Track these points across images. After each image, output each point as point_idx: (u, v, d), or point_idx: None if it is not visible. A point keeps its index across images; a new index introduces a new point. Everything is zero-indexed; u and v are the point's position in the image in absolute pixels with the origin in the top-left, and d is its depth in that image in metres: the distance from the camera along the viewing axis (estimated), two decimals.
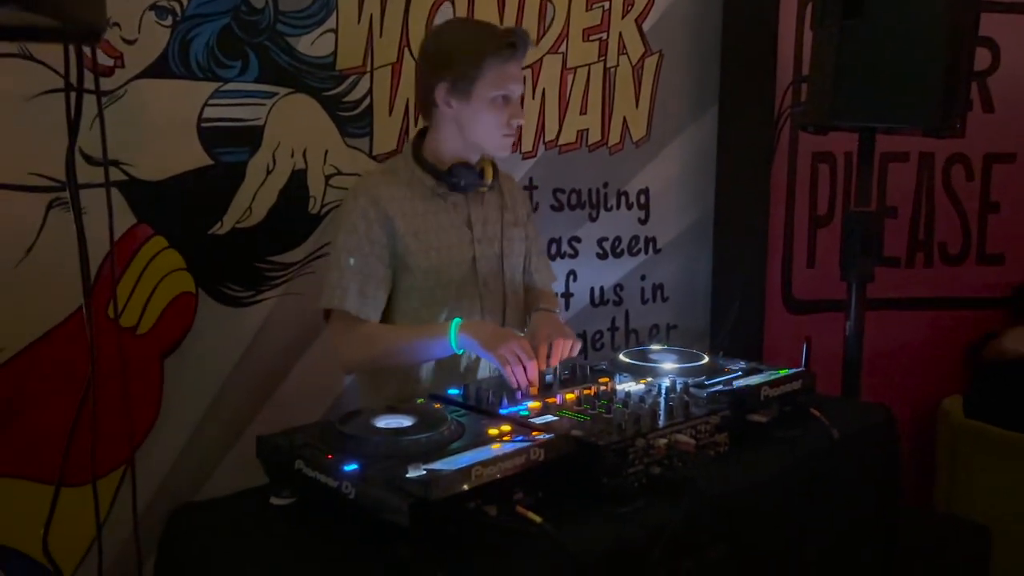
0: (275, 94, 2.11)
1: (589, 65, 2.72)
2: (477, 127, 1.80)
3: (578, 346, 1.77)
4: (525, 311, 2.01)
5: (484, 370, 1.92)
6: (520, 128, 1.85)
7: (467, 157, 1.86)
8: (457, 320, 1.72)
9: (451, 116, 1.80)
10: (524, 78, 1.80)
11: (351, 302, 1.76)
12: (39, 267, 1.82)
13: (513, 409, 1.45)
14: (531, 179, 2.61)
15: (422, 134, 1.91)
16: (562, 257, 2.76)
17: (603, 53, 2.74)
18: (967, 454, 2.94)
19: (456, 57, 1.75)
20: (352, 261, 1.76)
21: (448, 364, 1.87)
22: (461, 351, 1.74)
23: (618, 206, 2.87)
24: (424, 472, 1.10)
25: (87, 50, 1.10)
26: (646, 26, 2.81)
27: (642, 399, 1.50)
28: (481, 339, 1.66)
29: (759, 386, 1.56)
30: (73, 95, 1.01)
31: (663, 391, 1.53)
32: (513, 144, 1.87)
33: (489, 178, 1.89)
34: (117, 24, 1.88)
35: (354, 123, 2.26)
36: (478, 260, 1.89)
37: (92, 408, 1.10)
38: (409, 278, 1.82)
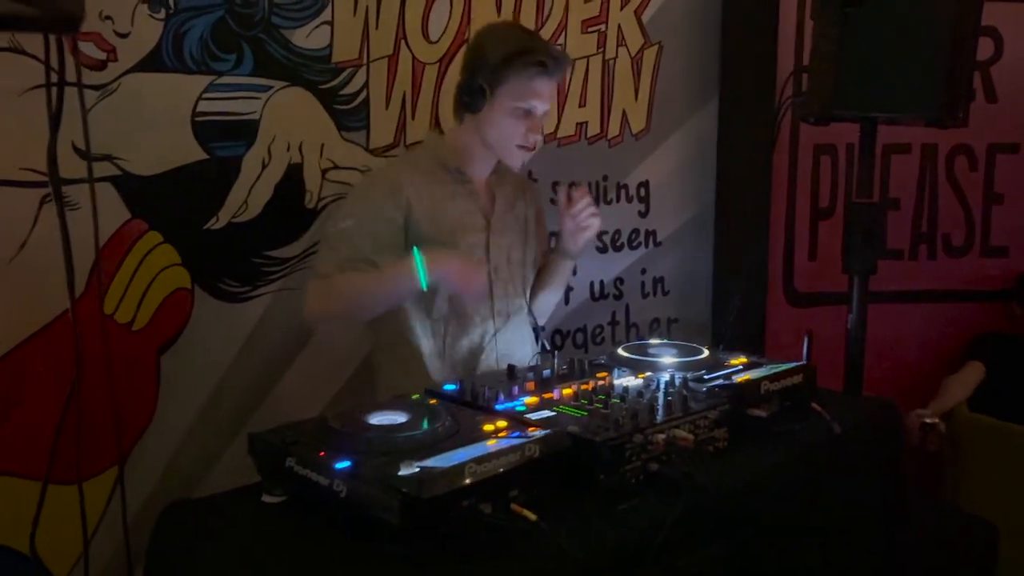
0: (270, 87, 2.09)
1: (588, 57, 2.69)
2: (493, 132, 1.83)
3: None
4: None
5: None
6: (536, 144, 1.85)
7: (486, 159, 1.90)
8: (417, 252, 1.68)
9: (473, 118, 1.84)
10: (552, 97, 1.82)
11: (328, 265, 1.77)
12: (32, 264, 1.80)
13: (509, 405, 1.43)
14: (530, 172, 2.58)
15: (441, 131, 1.97)
16: None
17: (602, 45, 2.71)
18: (972, 449, 2.92)
19: (486, 61, 1.79)
20: (351, 224, 1.77)
21: (465, 356, 1.89)
22: (425, 286, 1.68)
23: (618, 199, 2.84)
24: (417, 469, 1.08)
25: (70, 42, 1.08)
26: (645, 17, 2.78)
27: (640, 394, 1.48)
28: (450, 271, 1.69)
29: (759, 380, 1.54)
30: (55, 88, 0.99)
31: (662, 386, 1.51)
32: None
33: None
34: (110, 17, 1.86)
35: (350, 116, 2.24)
36: (491, 247, 1.91)
37: (78, 407, 1.08)
38: None
